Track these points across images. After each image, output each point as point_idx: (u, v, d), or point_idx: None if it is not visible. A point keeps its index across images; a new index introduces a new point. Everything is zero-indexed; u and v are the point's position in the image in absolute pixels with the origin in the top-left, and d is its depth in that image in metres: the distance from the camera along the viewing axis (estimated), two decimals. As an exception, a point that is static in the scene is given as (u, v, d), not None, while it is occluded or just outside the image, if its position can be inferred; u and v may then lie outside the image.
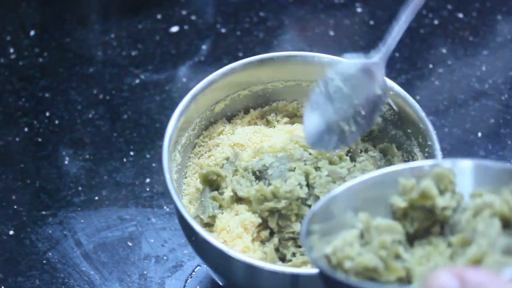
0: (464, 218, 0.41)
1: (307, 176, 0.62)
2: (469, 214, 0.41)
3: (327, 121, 0.49)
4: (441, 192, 0.43)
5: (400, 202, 0.44)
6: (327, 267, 0.42)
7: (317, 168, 0.62)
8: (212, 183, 0.65)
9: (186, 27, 0.98)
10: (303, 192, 0.61)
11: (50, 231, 0.76)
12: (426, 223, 0.43)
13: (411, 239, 0.43)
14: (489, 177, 0.44)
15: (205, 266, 0.72)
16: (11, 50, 0.94)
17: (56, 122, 0.86)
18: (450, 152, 0.84)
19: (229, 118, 0.73)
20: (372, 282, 0.41)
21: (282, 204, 0.60)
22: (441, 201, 0.42)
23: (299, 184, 0.61)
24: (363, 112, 0.47)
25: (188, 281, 0.73)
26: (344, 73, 0.46)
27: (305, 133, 0.51)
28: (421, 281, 0.36)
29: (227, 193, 0.64)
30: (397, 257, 0.41)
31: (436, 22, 1.00)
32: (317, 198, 0.61)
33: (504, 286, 0.34)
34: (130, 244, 0.75)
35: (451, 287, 0.34)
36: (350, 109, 0.45)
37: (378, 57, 0.48)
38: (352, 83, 0.45)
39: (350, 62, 0.46)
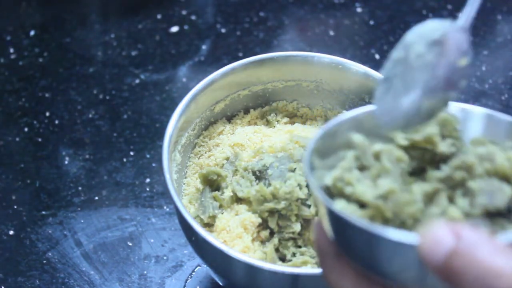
0: (464, 164, 0.40)
1: (307, 176, 0.62)
2: (471, 159, 0.40)
3: (407, 94, 0.41)
4: (443, 138, 0.42)
5: (401, 140, 0.42)
6: (328, 198, 0.39)
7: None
8: (212, 183, 0.65)
9: (186, 27, 0.98)
10: (302, 193, 0.61)
11: (50, 231, 0.76)
12: (422, 163, 0.42)
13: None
14: (499, 129, 0.43)
15: (205, 266, 0.72)
16: (11, 50, 0.94)
17: (56, 122, 0.86)
18: None
19: (229, 118, 0.73)
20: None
21: (282, 205, 0.61)
22: (443, 147, 0.41)
23: (299, 185, 0.61)
24: (445, 86, 0.40)
25: (188, 281, 0.73)
26: (428, 37, 0.39)
27: (378, 111, 0.42)
28: (419, 231, 0.35)
29: (227, 193, 0.64)
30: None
31: (436, 22, 1.00)
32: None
33: (496, 249, 0.33)
34: (130, 244, 0.75)
35: (446, 243, 0.34)
36: (433, 80, 0.39)
37: (462, 22, 0.41)
38: (436, 49, 0.39)
39: (434, 24, 0.40)
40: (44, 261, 0.74)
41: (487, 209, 0.38)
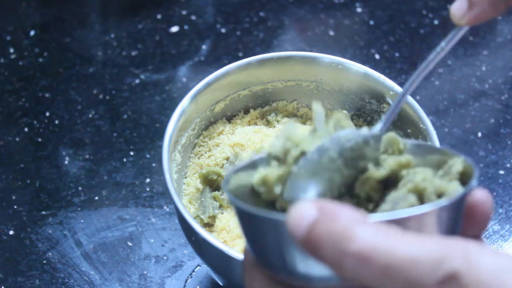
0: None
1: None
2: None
3: (315, 190, 0.42)
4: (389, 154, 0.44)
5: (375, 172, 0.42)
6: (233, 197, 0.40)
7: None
8: (212, 183, 0.65)
9: (186, 27, 0.98)
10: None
11: (50, 231, 0.76)
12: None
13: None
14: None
15: (205, 266, 0.72)
16: (11, 50, 0.94)
17: (56, 122, 0.86)
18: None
19: (229, 118, 0.73)
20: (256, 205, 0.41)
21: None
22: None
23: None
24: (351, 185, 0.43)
25: (188, 281, 0.73)
26: (342, 145, 0.42)
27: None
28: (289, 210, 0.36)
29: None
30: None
31: (436, 22, 1.00)
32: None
33: (354, 219, 0.34)
34: (130, 244, 0.75)
35: (309, 215, 0.34)
36: (340, 179, 0.43)
37: (377, 129, 0.44)
38: (347, 156, 0.42)
39: (350, 133, 0.43)
40: (44, 261, 0.74)
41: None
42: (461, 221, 0.39)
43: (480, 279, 0.31)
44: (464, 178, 0.40)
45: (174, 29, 0.98)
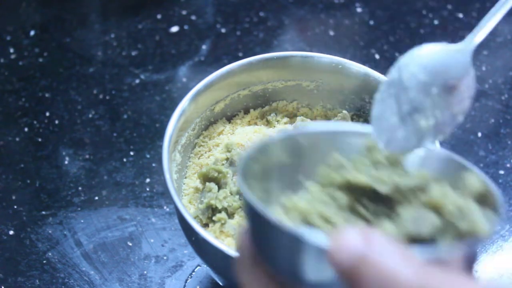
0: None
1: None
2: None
3: (401, 114, 0.41)
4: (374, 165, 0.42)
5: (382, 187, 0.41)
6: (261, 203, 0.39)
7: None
8: (213, 181, 0.65)
9: (186, 27, 0.98)
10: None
11: (50, 231, 0.76)
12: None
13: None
14: (433, 163, 0.43)
15: (205, 266, 0.72)
16: (11, 50, 0.94)
17: (56, 122, 0.86)
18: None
19: (229, 118, 0.73)
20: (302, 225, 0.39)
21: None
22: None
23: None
24: (443, 104, 0.40)
25: (188, 281, 0.73)
26: (422, 59, 0.40)
27: (375, 132, 0.42)
28: (331, 234, 0.34)
29: (227, 192, 0.64)
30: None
31: (436, 22, 1.00)
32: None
33: (404, 259, 0.33)
34: (130, 244, 0.75)
35: (355, 246, 0.33)
36: (426, 99, 0.39)
37: (463, 44, 0.42)
38: (429, 69, 0.39)
39: (429, 48, 0.41)
40: (44, 261, 0.74)
41: (411, 236, 0.38)
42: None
43: None
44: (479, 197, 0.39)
45: (174, 29, 0.98)
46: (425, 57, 0.41)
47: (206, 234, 0.57)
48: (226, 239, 0.61)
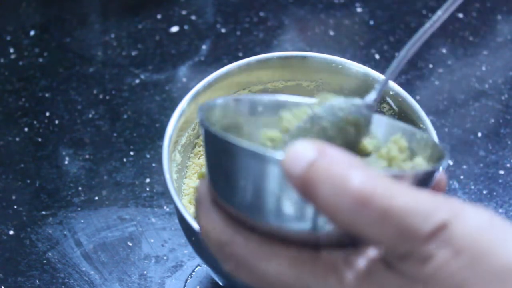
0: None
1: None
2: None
3: None
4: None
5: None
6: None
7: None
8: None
9: (186, 27, 0.98)
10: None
11: (50, 231, 0.76)
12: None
13: None
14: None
15: (205, 266, 0.72)
16: (11, 50, 0.94)
17: (56, 122, 0.86)
18: (450, 152, 0.84)
19: (229, 118, 0.73)
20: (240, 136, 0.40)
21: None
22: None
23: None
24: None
25: (188, 281, 0.73)
26: (334, 114, 0.42)
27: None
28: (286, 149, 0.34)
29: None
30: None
31: (436, 22, 1.00)
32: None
33: (355, 165, 0.33)
34: (130, 244, 0.75)
35: (308, 155, 0.33)
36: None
37: (370, 99, 0.43)
38: (338, 126, 0.41)
39: (341, 103, 0.42)
40: (44, 261, 0.74)
41: None
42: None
43: (466, 230, 0.32)
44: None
45: (174, 29, 0.98)
46: (337, 114, 0.43)
47: (206, 234, 0.56)
48: None
